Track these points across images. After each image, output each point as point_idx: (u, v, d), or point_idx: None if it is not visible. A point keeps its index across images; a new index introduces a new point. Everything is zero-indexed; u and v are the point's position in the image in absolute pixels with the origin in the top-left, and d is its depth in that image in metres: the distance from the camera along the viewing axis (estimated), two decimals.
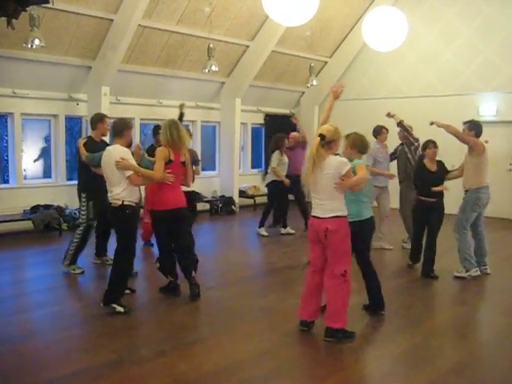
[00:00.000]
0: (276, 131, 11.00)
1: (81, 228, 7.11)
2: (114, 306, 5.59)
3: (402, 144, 8.83)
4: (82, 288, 6.69)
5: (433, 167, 7.27)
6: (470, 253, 7.14)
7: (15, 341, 4.98)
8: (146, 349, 4.74)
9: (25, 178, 10.61)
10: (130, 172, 5.54)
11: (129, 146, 5.77)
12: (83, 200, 7.06)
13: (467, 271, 7.12)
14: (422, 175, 7.34)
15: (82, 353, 4.77)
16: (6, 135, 10.35)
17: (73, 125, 11.47)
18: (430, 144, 7.28)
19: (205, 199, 12.57)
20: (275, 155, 9.97)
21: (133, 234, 5.72)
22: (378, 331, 5.40)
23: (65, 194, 10.54)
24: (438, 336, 5.25)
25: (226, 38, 11.96)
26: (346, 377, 4.40)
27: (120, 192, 5.56)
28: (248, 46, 12.61)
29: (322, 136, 4.80)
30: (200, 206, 11.86)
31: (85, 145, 6.92)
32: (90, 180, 6.80)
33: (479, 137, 7.25)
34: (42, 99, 10.38)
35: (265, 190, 10.84)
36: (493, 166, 12.21)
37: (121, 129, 5.73)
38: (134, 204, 5.66)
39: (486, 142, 12.49)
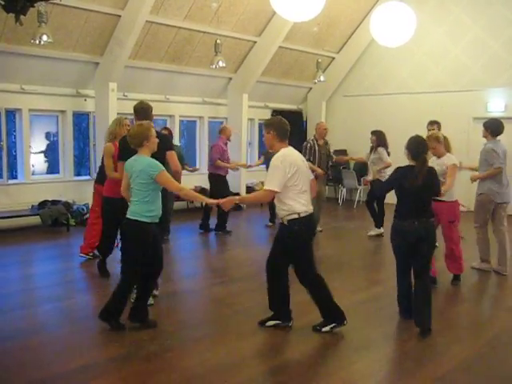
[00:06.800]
0: None
1: None
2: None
3: None
4: (90, 283, 6.71)
5: None
6: None
7: (23, 335, 5.01)
8: (153, 344, 4.76)
9: (33, 173, 10.66)
10: None
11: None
12: None
13: None
14: None
15: (90, 347, 4.81)
16: (14, 131, 10.41)
17: (80, 121, 11.51)
18: None
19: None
20: None
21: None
22: (384, 328, 5.39)
23: (72, 190, 10.54)
24: (444, 333, 5.23)
25: (233, 33, 11.94)
26: (352, 374, 4.40)
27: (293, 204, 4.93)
28: (255, 42, 12.59)
29: None
30: None
31: None
32: None
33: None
34: (50, 95, 10.42)
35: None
36: None
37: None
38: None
39: None
